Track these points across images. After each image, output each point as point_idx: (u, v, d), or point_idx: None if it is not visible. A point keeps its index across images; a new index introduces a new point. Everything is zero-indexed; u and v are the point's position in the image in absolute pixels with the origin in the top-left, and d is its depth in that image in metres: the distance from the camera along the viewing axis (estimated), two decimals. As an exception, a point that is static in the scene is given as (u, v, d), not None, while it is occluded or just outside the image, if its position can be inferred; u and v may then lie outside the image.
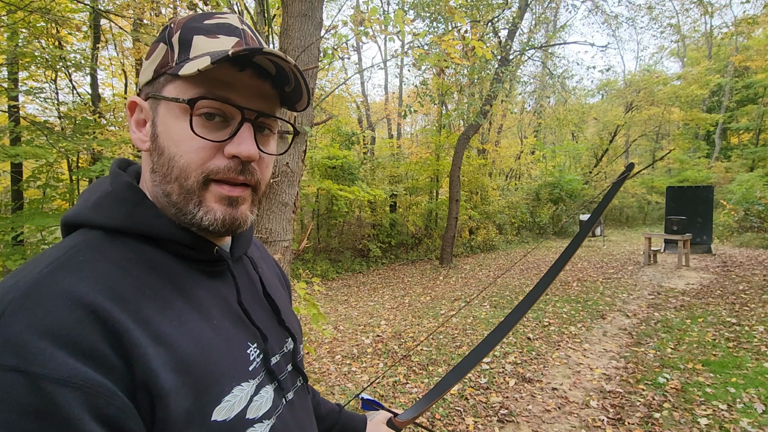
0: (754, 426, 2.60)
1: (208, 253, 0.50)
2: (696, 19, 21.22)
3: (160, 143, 0.47)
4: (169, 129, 0.47)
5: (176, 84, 0.47)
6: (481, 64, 8.42)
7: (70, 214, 0.48)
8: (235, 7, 5.86)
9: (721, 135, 21.69)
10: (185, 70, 0.44)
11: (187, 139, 0.46)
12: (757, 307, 5.11)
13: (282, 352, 0.58)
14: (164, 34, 0.49)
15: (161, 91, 0.48)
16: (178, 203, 0.47)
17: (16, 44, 5.79)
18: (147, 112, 0.49)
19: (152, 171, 0.49)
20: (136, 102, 0.50)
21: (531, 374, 3.55)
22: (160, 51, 0.48)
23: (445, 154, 13.09)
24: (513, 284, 7.36)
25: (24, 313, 0.35)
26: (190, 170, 0.46)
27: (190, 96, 0.46)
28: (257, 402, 0.49)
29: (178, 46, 0.47)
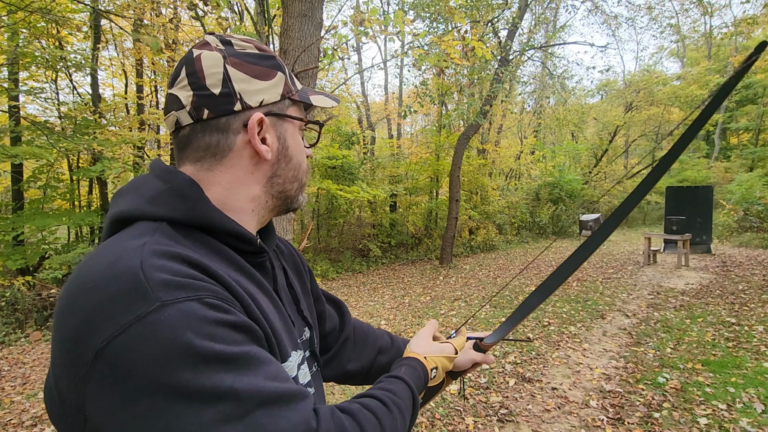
0: (753, 426, 2.61)
1: (253, 245, 0.58)
2: (696, 20, 21.24)
3: (290, 153, 0.61)
4: (296, 142, 0.62)
5: (295, 108, 0.62)
6: (481, 65, 8.42)
7: (124, 209, 0.51)
8: (236, 7, 5.86)
9: (720, 135, 21.71)
10: (318, 102, 0.63)
11: (303, 149, 0.64)
12: (757, 307, 5.12)
13: (302, 340, 0.65)
14: (276, 64, 0.59)
15: (287, 111, 0.60)
16: (293, 196, 0.63)
17: (16, 44, 5.79)
18: (268, 126, 0.58)
19: (273, 176, 0.60)
20: (263, 118, 0.57)
21: (531, 374, 3.55)
22: (281, 79, 0.59)
23: (445, 154, 13.10)
24: (513, 284, 7.37)
25: (160, 264, 0.43)
26: (307, 170, 0.65)
27: (308, 119, 0.64)
28: (303, 371, 0.60)
29: (290, 79, 0.61)
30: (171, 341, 0.38)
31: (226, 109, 0.54)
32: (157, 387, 0.38)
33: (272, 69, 0.58)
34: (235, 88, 0.54)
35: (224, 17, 4.72)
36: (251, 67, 0.56)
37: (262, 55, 0.58)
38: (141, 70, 9.90)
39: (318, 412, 0.47)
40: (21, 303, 5.57)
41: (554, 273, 0.81)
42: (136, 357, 0.38)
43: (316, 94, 0.64)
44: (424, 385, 0.71)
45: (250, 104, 0.55)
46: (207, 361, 0.39)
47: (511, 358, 3.92)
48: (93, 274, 0.43)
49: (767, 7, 11.99)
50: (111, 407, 0.39)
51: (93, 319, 0.40)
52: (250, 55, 0.57)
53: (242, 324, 0.45)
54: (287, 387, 0.45)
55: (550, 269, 8.67)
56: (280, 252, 0.74)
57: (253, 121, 0.55)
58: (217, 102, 0.54)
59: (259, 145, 0.56)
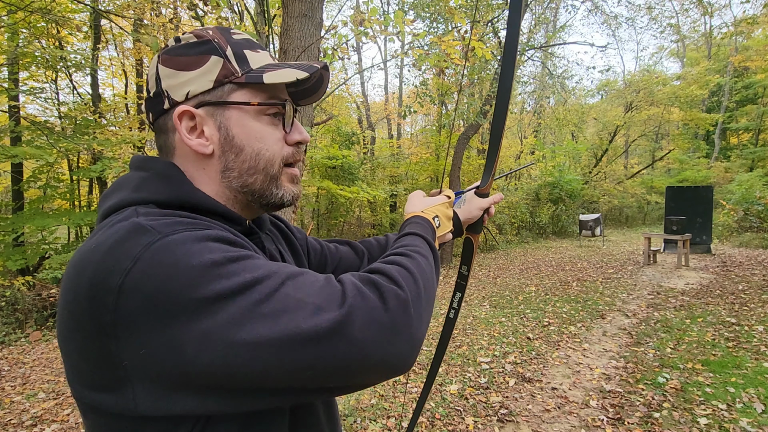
0: (753, 426, 2.61)
1: (242, 225, 0.57)
2: (696, 20, 21.26)
3: (238, 143, 0.55)
4: (249, 129, 0.55)
5: (244, 92, 0.55)
6: (481, 65, 8.42)
7: (111, 204, 0.51)
8: (236, 7, 5.86)
9: (720, 135, 21.70)
10: (270, 79, 0.53)
11: (266, 135, 0.56)
12: (757, 306, 5.12)
13: None
14: (211, 48, 0.54)
15: (228, 98, 0.54)
16: (260, 189, 0.57)
17: (16, 44, 5.79)
18: (203, 118, 0.54)
19: (225, 169, 0.55)
20: (189, 110, 0.53)
21: (531, 374, 3.55)
22: (214, 63, 0.53)
23: (445, 154, 13.10)
24: (513, 284, 7.37)
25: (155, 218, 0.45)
26: (274, 160, 0.57)
27: (260, 100, 0.55)
28: None
29: (235, 60, 0.54)
30: (184, 256, 0.40)
31: (160, 109, 0.54)
32: (186, 299, 0.39)
33: (202, 55, 0.53)
34: (163, 86, 0.54)
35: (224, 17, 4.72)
36: (178, 59, 0.53)
37: (194, 43, 0.54)
38: (141, 70, 9.90)
39: (341, 278, 0.47)
40: (21, 303, 5.57)
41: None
42: (157, 279, 0.39)
43: (279, 68, 0.55)
44: (433, 235, 0.71)
45: (176, 99, 0.53)
46: (221, 264, 0.41)
47: (511, 358, 3.92)
48: (92, 242, 0.44)
49: (767, 7, 11.99)
50: (149, 337, 0.39)
51: (105, 265, 0.40)
52: (182, 47, 0.54)
53: (243, 243, 0.48)
54: (303, 270, 0.46)
55: (551, 269, 8.67)
56: (275, 235, 0.73)
57: (174, 117, 0.53)
58: (153, 103, 0.55)
59: (189, 140, 0.53)
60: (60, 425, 3.06)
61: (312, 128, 2.65)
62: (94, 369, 0.43)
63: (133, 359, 0.40)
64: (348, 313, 0.42)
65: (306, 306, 0.41)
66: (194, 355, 0.39)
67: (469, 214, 0.93)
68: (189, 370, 0.39)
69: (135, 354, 0.40)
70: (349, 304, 0.42)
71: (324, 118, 10.30)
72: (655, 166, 22.17)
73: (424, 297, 0.50)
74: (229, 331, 0.39)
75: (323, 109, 12.98)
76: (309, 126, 2.58)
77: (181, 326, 0.39)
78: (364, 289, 0.45)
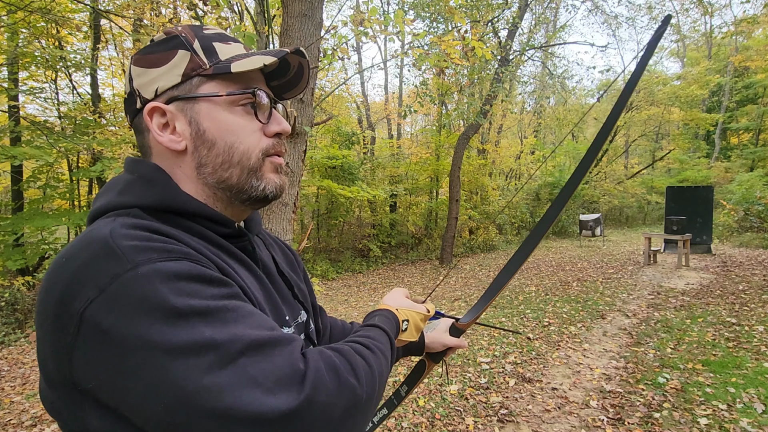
0: (753, 426, 2.60)
1: (231, 228, 0.56)
2: (696, 19, 21.23)
3: (209, 137, 0.53)
4: (220, 122, 0.53)
5: (213, 83, 0.53)
6: (481, 65, 8.42)
7: (98, 206, 0.51)
8: (235, 7, 5.86)
9: (720, 135, 21.69)
10: (237, 67, 0.51)
11: (240, 127, 0.54)
12: (757, 307, 5.11)
13: (296, 323, 0.64)
14: (178, 43, 0.53)
15: (196, 91, 0.52)
16: (238, 184, 0.55)
17: (16, 44, 5.79)
18: (174, 114, 0.53)
19: (200, 165, 0.54)
20: (159, 107, 0.52)
21: (531, 374, 3.55)
22: (182, 57, 0.52)
23: (445, 154, 13.10)
24: (513, 284, 7.36)
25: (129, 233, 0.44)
26: (251, 152, 0.54)
27: (229, 91, 0.53)
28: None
29: (203, 53, 0.53)
30: (149, 298, 0.39)
31: (134, 109, 0.54)
32: (140, 343, 0.38)
33: (169, 51, 0.52)
34: (134, 85, 0.53)
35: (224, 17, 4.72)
36: (147, 57, 0.53)
37: (162, 39, 0.53)
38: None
39: (306, 354, 0.46)
40: (21, 303, 5.57)
41: (517, 251, 0.85)
42: (116, 315, 0.38)
43: (247, 57, 0.53)
44: (397, 335, 0.70)
45: (146, 97, 0.53)
46: (185, 315, 0.39)
47: (511, 358, 3.92)
48: (67, 251, 0.44)
49: (767, 6, 11.98)
50: (100, 369, 0.39)
51: (72, 287, 0.40)
52: (151, 45, 0.54)
53: (219, 279, 0.45)
54: (271, 334, 0.44)
55: (551, 269, 8.67)
56: (270, 244, 0.72)
57: (144, 114, 0.52)
58: (128, 104, 0.55)
59: (159, 137, 0.52)
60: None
61: (312, 128, 2.65)
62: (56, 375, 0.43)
63: (85, 386, 0.40)
64: (301, 407, 0.40)
65: (260, 386, 0.39)
66: (138, 401, 0.39)
67: (433, 343, 0.94)
68: (131, 413, 0.40)
69: (86, 382, 0.40)
70: (306, 395, 0.41)
71: (324, 118, 10.29)
72: (656, 166, 22.17)
73: (375, 399, 0.50)
74: (175, 389, 0.38)
75: (323, 109, 12.98)
76: (309, 126, 2.58)
77: (131, 370, 0.38)
78: (325, 378, 0.44)
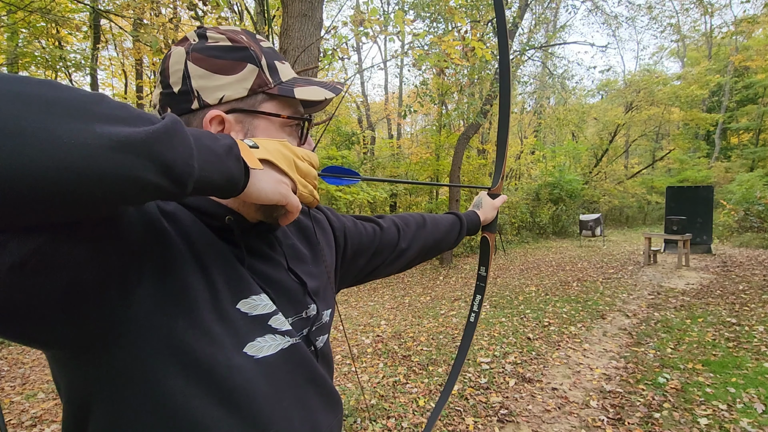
0: (753, 426, 2.60)
1: (219, 221, 0.56)
2: (696, 19, 21.24)
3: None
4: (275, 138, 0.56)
5: (274, 103, 0.57)
6: (481, 65, 8.42)
7: None
8: (235, 7, 5.86)
9: (721, 135, 21.70)
10: (301, 94, 0.56)
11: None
12: (757, 307, 5.11)
13: (299, 317, 0.64)
14: (247, 56, 0.55)
15: (259, 107, 0.56)
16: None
17: (16, 44, 5.79)
18: (232, 124, 0.54)
19: None
20: (221, 116, 0.53)
21: (531, 374, 3.55)
22: (250, 72, 0.55)
23: (445, 154, 13.10)
24: (513, 284, 7.36)
25: None
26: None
27: (288, 114, 0.58)
28: (278, 319, 0.58)
29: (268, 70, 0.56)
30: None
31: (185, 108, 0.53)
32: None
33: (239, 62, 0.54)
34: (193, 86, 0.53)
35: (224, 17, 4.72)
36: (213, 61, 0.53)
37: (231, 47, 0.54)
38: (141, 71, 9.90)
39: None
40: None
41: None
42: None
43: (308, 85, 0.58)
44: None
45: (208, 102, 0.53)
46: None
47: (512, 358, 3.92)
48: None
49: (767, 6, 11.98)
50: None
51: None
52: (216, 49, 0.53)
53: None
54: None
55: (551, 269, 8.67)
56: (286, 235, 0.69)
57: (206, 120, 0.53)
58: (177, 100, 0.53)
59: None
60: (60, 425, 3.06)
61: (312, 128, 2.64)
62: None
63: None
64: None
65: None
66: None
67: (486, 214, 1.08)
68: None
69: None
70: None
71: (324, 118, 10.30)
72: (656, 166, 22.17)
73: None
74: None
75: (323, 109, 12.98)
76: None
77: None
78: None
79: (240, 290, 0.55)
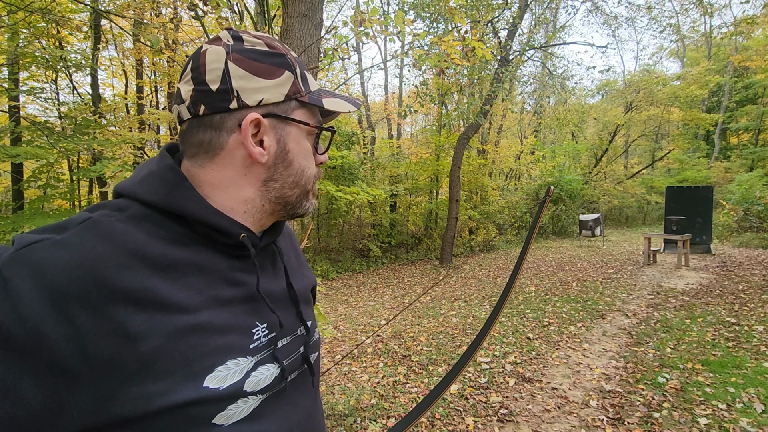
0: (753, 426, 2.61)
1: (233, 239, 0.54)
2: (695, 20, 21.23)
3: (290, 158, 0.58)
4: (301, 147, 0.59)
5: (304, 111, 0.58)
6: (481, 65, 8.43)
7: (121, 185, 0.54)
8: (236, 7, 5.86)
9: (720, 135, 21.71)
10: (329, 105, 0.58)
11: (310, 154, 0.61)
12: (757, 307, 5.12)
13: (295, 335, 0.62)
14: (285, 62, 0.56)
15: (291, 114, 0.57)
16: (295, 202, 0.60)
17: (16, 44, 5.79)
18: (266, 128, 0.55)
19: (269, 180, 0.57)
20: (259, 118, 0.54)
21: (531, 374, 3.55)
22: (287, 78, 0.56)
23: (445, 154, 13.10)
24: (513, 284, 7.37)
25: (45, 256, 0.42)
26: (312, 177, 0.61)
27: (315, 123, 0.60)
28: (255, 378, 0.52)
29: (300, 80, 0.58)
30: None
31: (222, 107, 0.53)
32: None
33: (278, 67, 0.55)
34: (233, 85, 0.52)
35: (224, 17, 4.72)
36: (254, 63, 0.53)
37: (270, 52, 0.55)
38: (141, 71, 9.91)
39: None
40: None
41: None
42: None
43: (333, 97, 0.60)
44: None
45: (248, 103, 0.53)
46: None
47: (511, 358, 3.92)
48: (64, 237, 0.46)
49: (767, 7, 11.99)
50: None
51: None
52: (255, 52, 0.54)
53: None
54: None
55: (550, 269, 8.67)
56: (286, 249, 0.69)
57: (246, 121, 0.52)
58: (213, 98, 0.53)
59: (252, 148, 0.53)
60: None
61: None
62: None
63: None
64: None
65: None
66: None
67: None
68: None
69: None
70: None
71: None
72: (655, 166, 22.18)
73: None
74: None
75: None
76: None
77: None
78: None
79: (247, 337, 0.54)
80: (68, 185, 7.86)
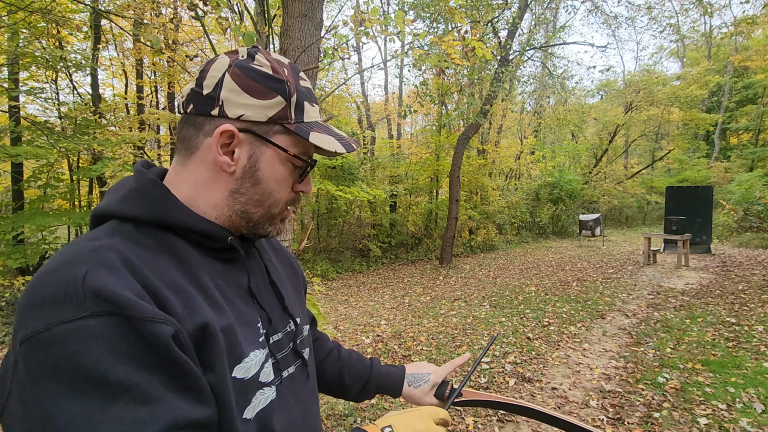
0: (753, 426, 2.61)
1: (222, 243, 0.58)
2: (695, 20, 21.21)
3: (259, 176, 0.59)
4: (274, 170, 0.59)
5: (287, 138, 0.59)
6: (481, 65, 8.43)
7: (100, 207, 0.55)
8: (236, 7, 5.86)
9: (720, 135, 21.72)
10: (315, 140, 0.58)
11: (284, 180, 0.61)
12: (757, 306, 5.12)
13: (285, 331, 0.66)
14: (281, 88, 0.57)
15: (272, 137, 0.58)
16: (256, 222, 0.61)
17: (16, 44, 5.79)
18: (242, 143, 0.57)
19: (235, 192, 0.58)
20: (232, 131, 0.56)
21: (531, 374, 3.55)
22: (277, 103, 0.57)
23: (445, 154, 13.10)
24: (513, 284, 7.37)
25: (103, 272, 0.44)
26: (280, 202, 0.61)
27: (295, 151, 0.60)
28: (266, 369, 0.58)
29: (294, 108, 0.59)
30: (70, 357, 0.40)
31: (205, 110, 0.56)
32: (46, 392, 0.40)
33: (272, 90, 0.57)
34: (221, 95, 0.56)
35: (224, 17, 4.71)
36: (248, 82, 0.56)
37: (270, 75, 0.57)
38: (141, 71, 9.91)
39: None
40: (21, 303, 5.55)
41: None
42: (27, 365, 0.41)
43: (326, 134, 0.60)
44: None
45: (228, 114, 0.56)
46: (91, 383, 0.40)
47: (511, 358, 3.92)
48: (45, 272, 0.46)
49: (767, 7, 11.99)
50: (10, 403, 0.42)
51: (27, 315, 0.43)
52: (256, 72, 0.57)
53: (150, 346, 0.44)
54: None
55: (550, 269, 8.68)
56: (264, 250, 0.72)
57: (219, 129, 0.55)
58: (201, 101, 0.56)
59: (219, 155, 0.56)
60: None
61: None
62: None
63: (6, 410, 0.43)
64: None
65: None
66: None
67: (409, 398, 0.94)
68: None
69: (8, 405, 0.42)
70: None
71: (324, 118, 10.29)
72: (655, 166, 22.18)
73: None
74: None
75: (323, 110, 12.98)
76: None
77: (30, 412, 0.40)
78: None
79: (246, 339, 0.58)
80: (68, 185, 7.86)
